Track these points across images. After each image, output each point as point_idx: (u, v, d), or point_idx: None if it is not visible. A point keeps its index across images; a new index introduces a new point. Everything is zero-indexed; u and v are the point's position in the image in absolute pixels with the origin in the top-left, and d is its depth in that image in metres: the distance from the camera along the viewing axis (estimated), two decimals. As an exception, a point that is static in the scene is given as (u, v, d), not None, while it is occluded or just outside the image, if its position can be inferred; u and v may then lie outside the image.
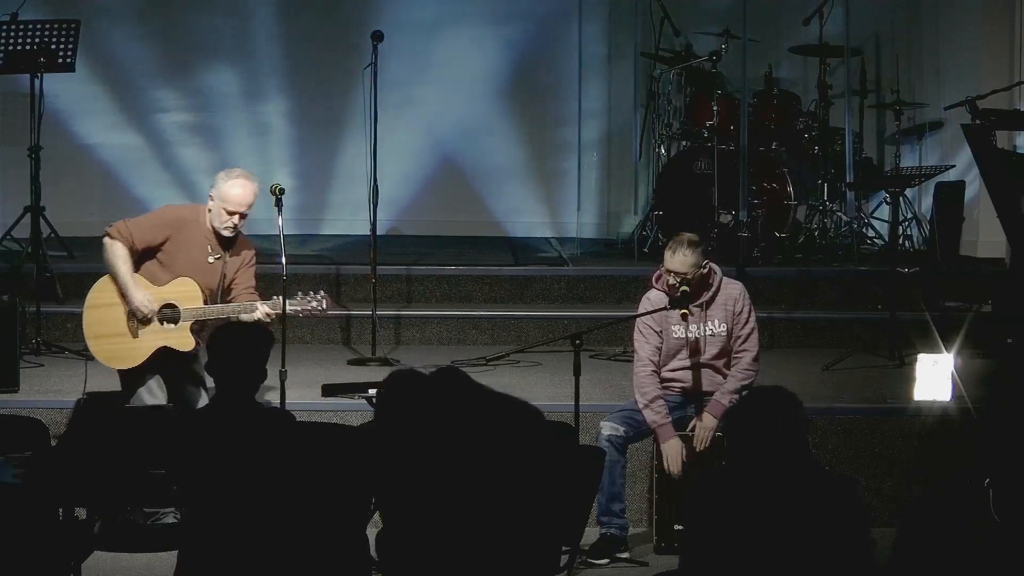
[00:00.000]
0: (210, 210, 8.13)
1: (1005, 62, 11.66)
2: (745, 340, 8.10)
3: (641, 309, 8.14)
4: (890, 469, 8.62)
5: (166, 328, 8.05)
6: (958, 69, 12.01)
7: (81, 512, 6.83)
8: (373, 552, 5.88)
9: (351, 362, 9.82)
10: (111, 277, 8.08)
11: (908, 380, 8.73)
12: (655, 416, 7.98)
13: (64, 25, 10.37)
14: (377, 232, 10.05)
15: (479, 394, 5.72)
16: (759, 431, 5.22)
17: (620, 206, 12.57)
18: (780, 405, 5.25)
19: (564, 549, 6.38)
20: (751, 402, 5.42)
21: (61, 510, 6.41)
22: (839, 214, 11.58)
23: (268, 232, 11.13)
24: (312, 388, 8.90)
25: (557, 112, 12.58)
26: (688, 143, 11.58)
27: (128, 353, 8.07)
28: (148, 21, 12.25)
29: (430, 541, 5.56)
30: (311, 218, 12.40)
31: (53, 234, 10.58)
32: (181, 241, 8.10)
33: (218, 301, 8.14)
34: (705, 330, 8.09)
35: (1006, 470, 5.59)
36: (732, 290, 8.14)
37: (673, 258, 7.97)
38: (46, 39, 10.28)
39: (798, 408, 5.27)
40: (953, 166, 11.34)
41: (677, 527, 7.97)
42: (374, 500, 5.94)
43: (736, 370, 8.09)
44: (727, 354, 8.13)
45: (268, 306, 8.07)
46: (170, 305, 8.05)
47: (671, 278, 7.98)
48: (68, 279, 10.04)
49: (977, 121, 9.54)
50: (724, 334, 8.10)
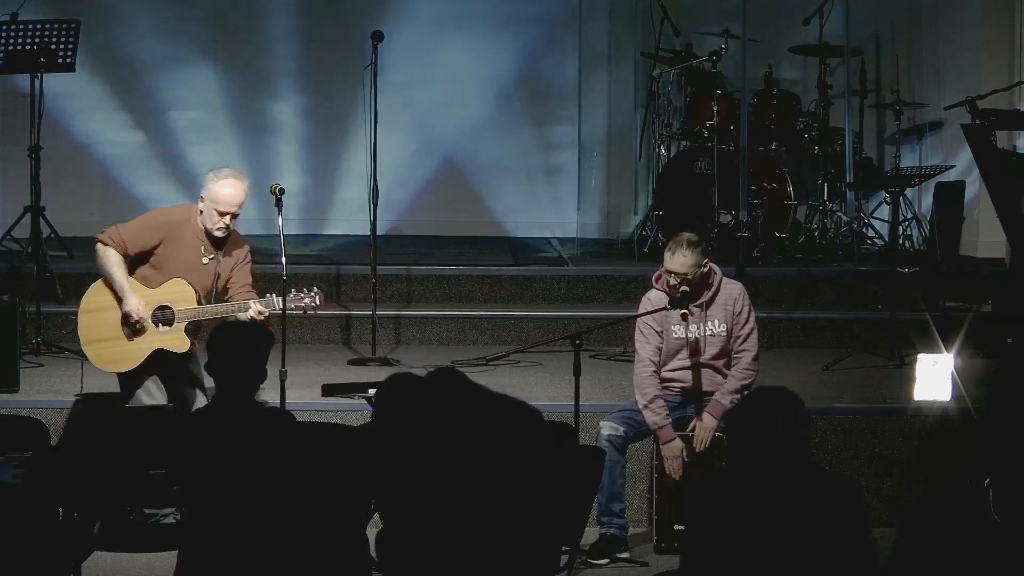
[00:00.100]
0: (201, 211, 8.12)
1: (1005, 62, 11.66)
2: (745, 340, 8.10)
3: (641, 309, 8.14)
4: (890, 469, 8.62)
5: (161, 330, 8.05)
6: (958, 69, 12.01)
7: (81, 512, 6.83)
8: (373, 552, 5.88)
9: (351, 362, 9.82)
10: (106, 282, 8.08)
11: (908, 380, 8.73)
12: (655, 417, 7.98)
13: (64, 25, 10.37)
14: (377, 232, 10.05)
15: (477, 394, 5.72)
16: (760, 431, 5.22)
17: (620, 206, 12.57)
18: (781, 405, 5.25)
19: (564, 549, 6.39)
20: (752, 402, 5.42)
21: (61, 510, 6.41)
22: (839, 214, 11.58)
23: (268, 232, 11.17)
24: (312, 388, 8.90)
25: (557, 112, 12.58)
26: (688, 143, 11.58)
27: (124, 356, 8.06)
28: (149, 20, 12.25)
29: (430, 541, 5.56)
30: (311, 218, 12.40)
31: (53, 234, 10.58)
32: (174, 243, 8.08)
33: (213, 300, 8.13)
34: (705, 330, 8.09)
35: (1006, 470, 5.59)
36: (732, 290, 8.15)
37: (673, 259, 7.97)
38: (46, 39, 10.28)
39: (799, 408, 5.27)
40: (953, 166, 11.34)
41: (677, 527, 7.97)
42: (374, 500, 5.94)
43: (736, 370, 8.09)
44: (727, 354, 8.13)
45: (261, 304, 8.07)
46: (164, 307, 8.05)
47: (671, 278, 7.98)
48: (68, 279, 10.04)
49: (977, 121, 9.54)
50: (724, 334, 8.10)
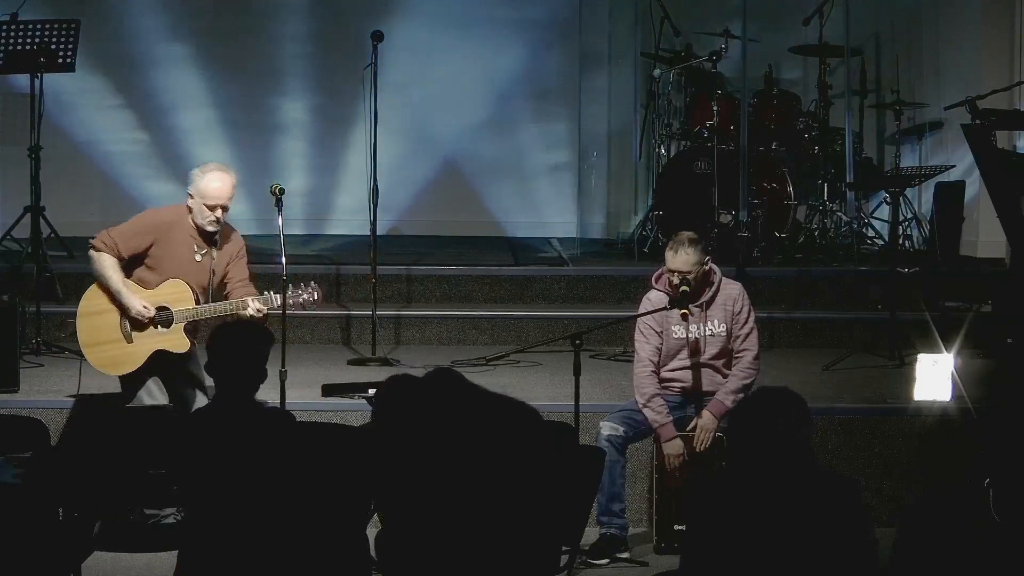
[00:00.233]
0: (190, 208, 8.11)
1: (1005, 62, 11.66)
2: (745, 340, 8.10)
3: (641, 309, 8.14)
4: (890, 469, 8.61)
5: (160, 331, 8.04)
6: (958, 69, 12.01)
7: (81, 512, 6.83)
8: (373, 552, 5.88)
9: (351, 362, 9.82)
10: (101, 286, 8.07)
11: (908, 380, 8.74)
12: (655, 415, 7.99)
13: (64, 25, 10.37)
14: (377, 232, 10.05)
15: (474, 394, 5.72)
16: (760, 430, 5.21)
17: (620, 206, 12.58)
18: (782, 404, 5.25)
19: (564, 549, 6.39)
20: (754, 401, 5.41)
21: (61, 510, 6.41)
22: (839, 214, 11.58)
23: (268, 232, 11.17)
24: (312, 388, 8.90)
25: (557, 112, 12.57)
26: (688, 143, 11.58)
27: (124, 359, 8.06)
28: (149, 20, 12.24)
29: (430, 541, 5.56)
30: (311, 218, 12.40)
31: (53, 234, 10.57)
32: (166, 243, 8.07)
33: (211, 297, 8.12)
34: (705, 330, 8.09)
35: (1006, 470, 5.58)
36: (731, 290, 8.15)
37: (676, 257, 7.97)
38: (46, 39, 10.28)
39: (799, 408, 5.26)
40: (953, 166, 11.34)
41: (677, 527, 7.97)
42: (374, 500, 5.94)
43: (737, 369, 8.09)
44: (727, 354, 8.13)
45: (259, 302, 8.06)
46: (162, 308, 8.04)
47: (674, 277, 7.98)
48: (68, 279, 10.04)
49: (977, 121, 9.54)
50: (724, 334, 8.10)
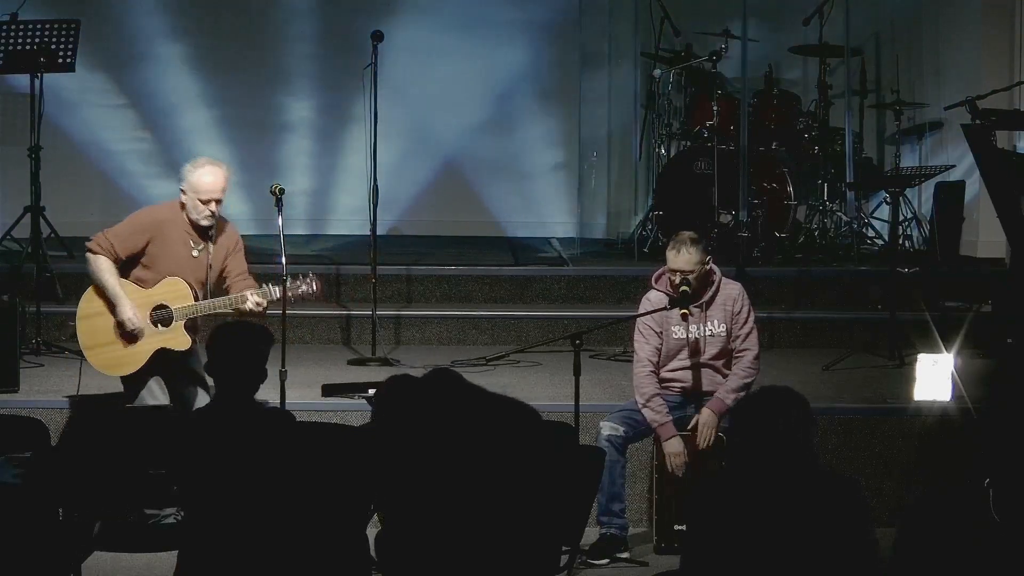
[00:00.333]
0: (184, 204, 8.11)
1: (1005, 62, 11.66)
2: (745, 340, 8.10)
3: (641, 310, 8.14)
4: (890, 469, 8.61)
5: (160, 330, 8.04)
6: (958, 69, 12.01)
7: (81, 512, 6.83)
8: (373, 552, 5.88)
9: (351, 362, 9.82)
10: (97, 288, 8.07)
11: (908, 380, 8.74)
12: (655, 415, 7.98)
13: (64, 25, 10.37)
14: (377, 232, 10.05)
15: (474, 394, 5.73)
16: (761, 430, 5.21)
17: (620, 206, 12.58)
18: (782, 405, 5.24)
19: (564, 549, 6.38)
20: (755, 400, 5.41)
21: (61, 510, 6.41)
22: (839, 214, 11.58)
23: (269, 232, 11.17)
24: (312, 388, 8.90)
25: (557, 112, 12.57)
26: (688, 143, 11.58)
27: (126, 359, 8.05)
28: (150, 20, 12.24)
29: (430, 542, 5.56)
30: (311, 218, 12.41)
31: (53, 234, 10.57)
32: (162, 241, 8.07)
33: (209, 291, 8.12)
34: (705, 330, 8.09)
35: (1006, 470, 5.58)
36: (731, 290, 8.15)
37: (678, 257, 7.96)
38: (46, 39, 10.28)
39: (800, 408, 5.25)
40: (953, 166, 11.35)
41: (677, 527, 7.97)
42: (374, 501, 5.94)
43: (737, 369, 8.09)
44: (727, 354, 8.13)
45: (258, 295, 8.06)
46: (161, 306, 8.04)
47: (675, 277, 7.98)
48: (68, 279, 10.03)
49: (977, 121, 9.54)
50: (724, 334, 8.11)
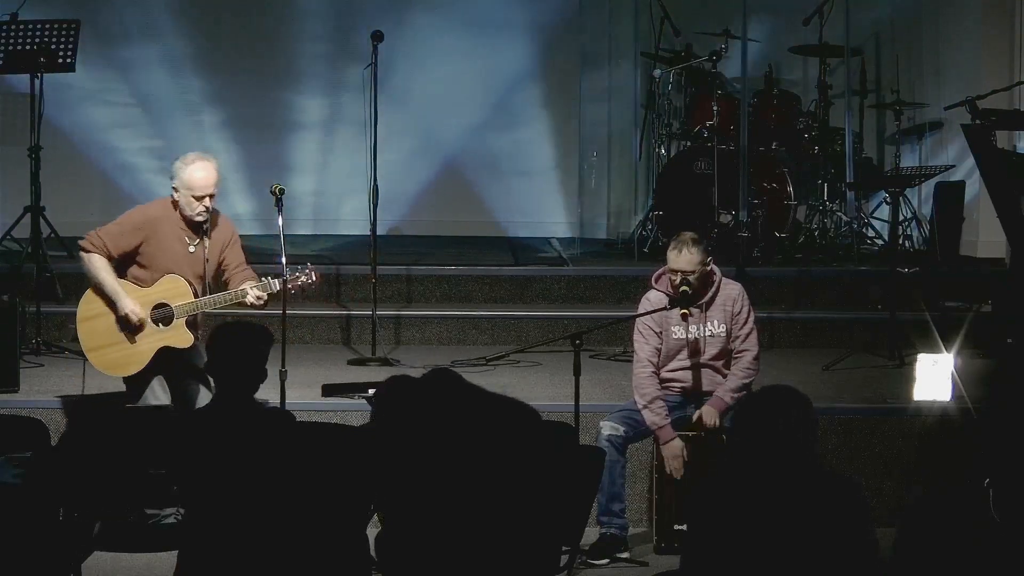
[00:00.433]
0: (176, 202, 8.10)
1: (1005, 62, 11.66)
2: (745, 340, 8.11)
3: (641, 310, 8.14)
4: (890, 469, 8.61)
5: (161, 328, 8.04)
6: (958, 69, 12.01)
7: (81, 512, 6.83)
8: (373, 552, 5.88)
9: (351, 362, 9.82)
10: (96, 289, 8.06)
11: (908, 380, 8.74)
12: (655, 417, 7.98)
13: (64, 25, 10.37)
14: (377, 232, 10.05)
15: (472, 394, 5.73)
16: (761, 429, 5.21)
17: (620, 206, 12.58)
18: (783, 404, 5.24)
19: (564, 549, 6.38)
20: (756, 400, 5.41)
21: (61, 510, 6.41)
22: (839, 214, 11.58)
23: (271, 232, 11.16)
24: (312, 388, 8.90)
25: (557, 112, 12.58)
26: (688, 143, 11.58)
27: (129, 359, 8.05)
28: (151, 20, 12.24)
29: (430, 542, 5.56)
30: (316, 218, 12.41)
31: (53, 234, 10.57)
32: (157, 240, 8.06)
33: (208, 285, 8.11)
34: (704, 331, 8.09)
35: (1006, 470, 5.58)
36: (731, 290, 8.15)
37: (679, 257, 7.96)
38: (46, 39, 10.28)
39: (800, 408, 5.25)
40: (953, 166, 11.35)
41: (677, 527, 7.97)
42: (374, 501, 5.94)
43: (736, 369, 8.09)
44: (727, 354, 8.14)
45: (258, 289, 8.06)
46: (162, 304, 8.04)
47: (675, 277, 7.98)
48: (68, 279, 10.03)
49: (977, 121, 9.54)
50: (723, 335, 8.11)
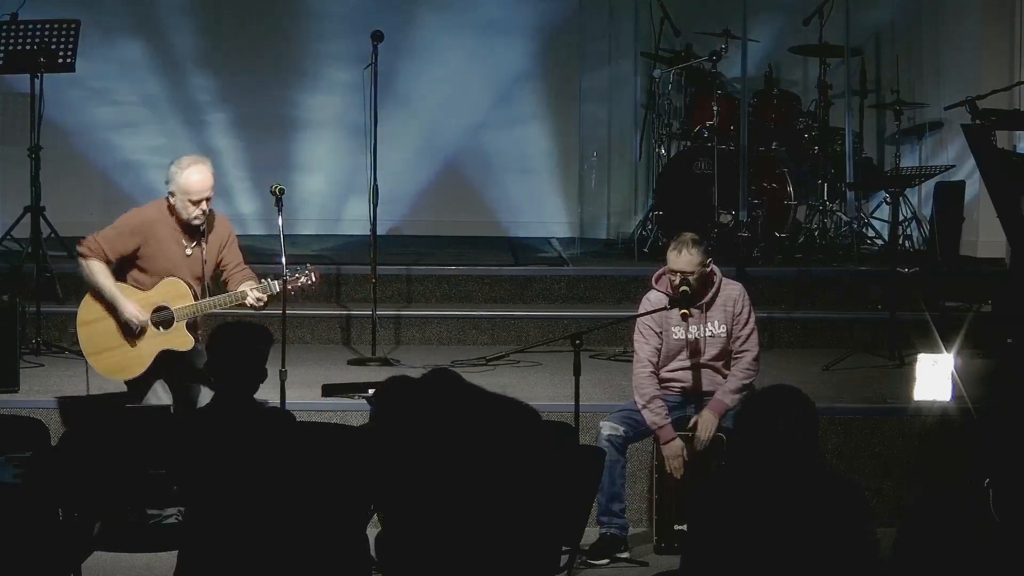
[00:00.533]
0: (172, 205, 8.08)
1: (1005, 62, 11.66)
2: (745, 341, 8.11)
3: (641, 310, 8.14)
4: (890, 469, 8.62)
5: (162, 331, 8.04)
6: (958, 69, 12.02)
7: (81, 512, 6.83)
8: (373, 552, 5.88)
9: (351, 362, 9.82)
10: (94, 293, 8.05)
11: (908, 380, 8.74)
12: (655, 417, 7.99)
13: (64, 25, 10.36)
14: (377, 232, 10.05)
15: (472, 394, 5.73)
16: (761, 429, 5.21)
17: (620, 206, 12.58)
18: (783, 404, 5.24)
19: (564, 549, 6.39)
20: (757, 400, 5.40)
21: (61, 510, 6.41)
22: (839, 214, 11.58)
23: (272, 232, 11.17)
24: (312, 388, 8.90)
25: (557, 112, 12.58)
26: (688, 143, 11.58)
27: (130, 363, 8.05)
28: (150, 21, 12.25)
29: (430, 542, 5.56)
30: (315, 218, 12.41)
31: (53, 234, 10.57)
32: (154, 243, 8.05)
33: (207, 286, 8.11)
34: (705, 331, 8.09)
35: (1006, 470, 5.58)
36: (732, 291, 8.15)
37: (679, 257, 7.97)
38: (46, 39, 10.28)
39: (801, 408, 5.24)
40: (953, 166, 11.35)
41: (677, 527, 7.97)
42: (374, 501, 5.94)
43: (736, 370, 8.10)
44: (727, 355, 8.14)
45: (259, 291, 8.06)
46: (162, 307, 8.03)
47: (675, 278, 7.98)
48: (68, 279, 10.02)
49: (977, 121, 9.54)
50: (724, 335, 8.11)
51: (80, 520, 6.64)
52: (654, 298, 8.12)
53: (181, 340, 8.04)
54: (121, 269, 8.10)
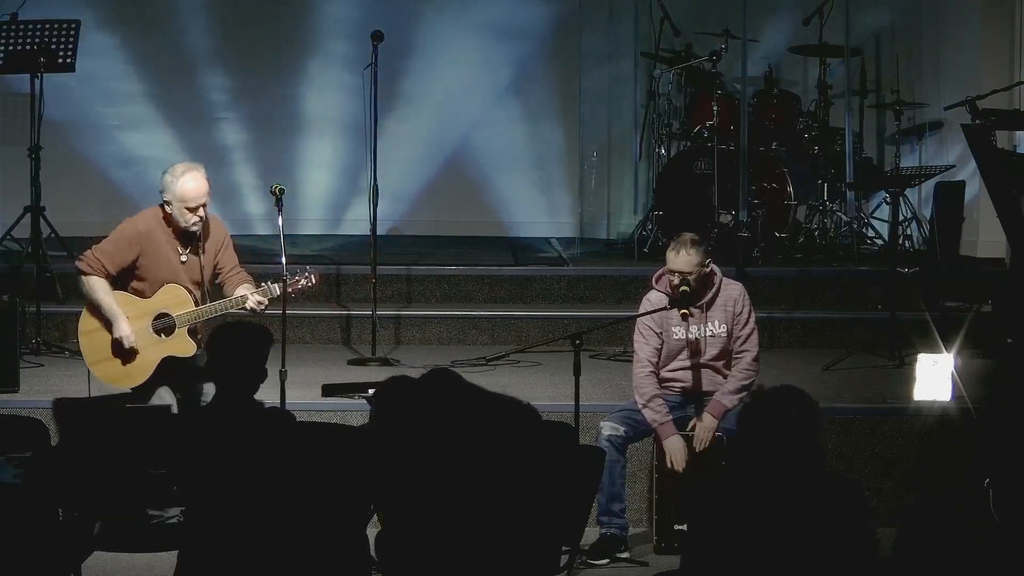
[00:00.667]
0: (166, 212, 8.06)
1: (1005, 62, 11.66)
2: (745, 341, 8.11)
3: (641, 310, 8.14)
4: (890, 469, 8.62)
5: (163, 339, 8.03)
6: (958, 69, 12.01)
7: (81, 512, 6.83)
8: (373, 552, 5.88)
9: (351, 362, 9.82)
10: (92, 307, 8.03)
11: (908, 380, 8.74)
12: (655, 415, 7.99)
13: (64, 25, 10.36)
14: (377, 232, 10.05)
15: (472, 393, 5.73)
16: (762, 430, 5.21)
17: (620, 206, 12.58)
18: (783, 405, 5.24)
19: (564, 549, 6.39)
20: (758, 400, 5.40)
21: (61, 510, 6.41)
22: (839, 214, 11.58)
23: (268, 232, 11.17)
24: (312, 388, 8.90)
25: (557, 112, 12.58)
26: (688, 143, 11.58)
27: (132, 371, 8.04)
28: (150, 21, 12.24)
29: (430, 542, 5.56)
30: (311, 218, 12.40)
31: (53, 234, 10.57)
32: (151, 252, 8.03)
33: (207, 290, 8.10)
34: (705, 331, 8.09)
35: (1006, 470, 5.59)
36: (732, 291, 8.15)
37: (678, 258, 7.97)
38: (46, 39, 10.28)
39: (801, 409, 5.24)
40: (953, 166, 11.35)
41: (677, 527, 7.97)
42: (374, 501, 5.94)
43: (736, 370, 8.09)
44: (727, 355, 8.13)
45: (259, 294, 8.05)
46: (163, 314, 8.02)
47: (675, 278, 7.98)
48: (68, 279, 10.00)
49: (977, 121, 9.54)
50: (724, 335, 8.10)
51: (80, 520, 6.64)
52: (654, 298, 8.11)
53: (183, 346, 8.03)
54: (120, 279, 8.07)
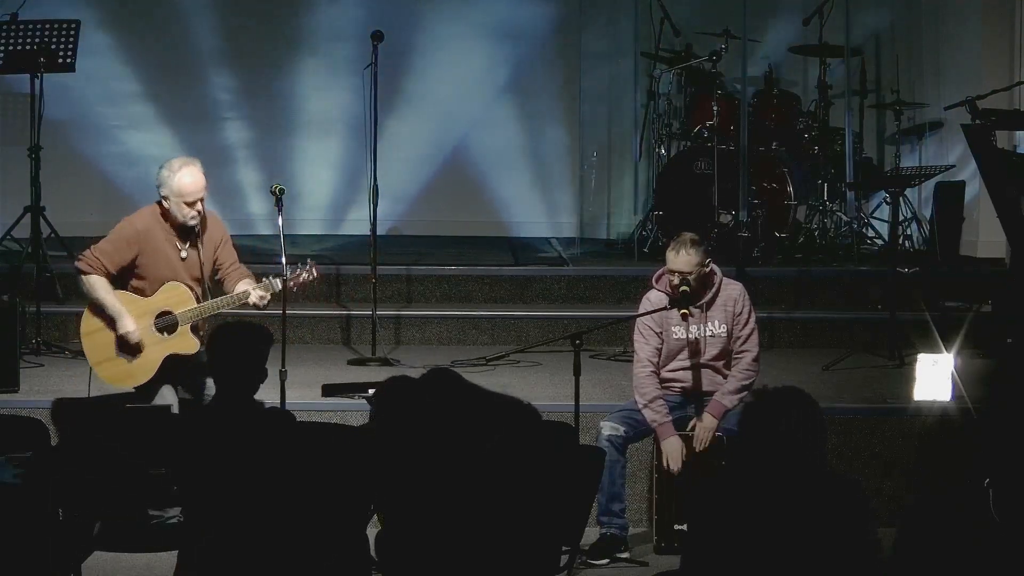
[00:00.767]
0: (163, 209, 8.05)
1: (1005, 62, 11.66)
2: (745, 341, 8.11)
3: (641, 310, 8.14)
4: (890, 469, 8.62)
5: (166, 337, 8.02)
6: (958, 69, 12.01)
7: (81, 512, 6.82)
8: (373, 552, 5.88)
9: (351, 362, 9.82)
10: (94, 307, 8.02)
11: (908, 380, 8.74)
12: (655, 415, 7.99)
13: (64, 25, 10.37)
14: (377, 232, 10.05)
15: (472, 393, 5.73)
16: (762, 430, 5.21)
17: (620, 206, 12.58)
18: (784, 405, 5.24)
19: (564, 549, 6.39)
20: (759, 401, 5.40)
21: (61, 510, 6.41)
22: (839, 214, 11.58)
23: (269, 232, 11.17)
24: (312, 388, 8.90)
25: (557, 112, 12.58)
26: (688, 143, 11.58)
27: (136, 370, 8.03)
28: (150, 21, 12.24)
29: (430, 542, 5.56)
30: (311, 218, 12.40)
31: (53, 234, 10.57)
32: (150, 250, 8.02)
33: (207, 286, 8.10)
34: (705, 331, 8.09)
35: (1006, 470, 5.59)
36: (732, 291, 8.15)
37: (677, 258, 7.97)
38: (46, 39, 10.28)
39: (801, 409, 5.24)
40: (953, 166, 11.35)
41: (677, 527, 7.97)
42: (374, 501, 5.94)
43: (736, 370, 8.09)
44: (727, 355, 8.13)
45: (261, 289, 8.06)
46: (165, 312, 8.02)
47: (674, 278, 7.98)
48: (68, 279, 10.00)
49: (977, 121, 9.54)
50: (724, 335, 8.10)
51: (80, 520, 6.64)
52: (654, 298, 8.11)
53: (186, 344, 8.02)
54: (120, 278, 8.06)
